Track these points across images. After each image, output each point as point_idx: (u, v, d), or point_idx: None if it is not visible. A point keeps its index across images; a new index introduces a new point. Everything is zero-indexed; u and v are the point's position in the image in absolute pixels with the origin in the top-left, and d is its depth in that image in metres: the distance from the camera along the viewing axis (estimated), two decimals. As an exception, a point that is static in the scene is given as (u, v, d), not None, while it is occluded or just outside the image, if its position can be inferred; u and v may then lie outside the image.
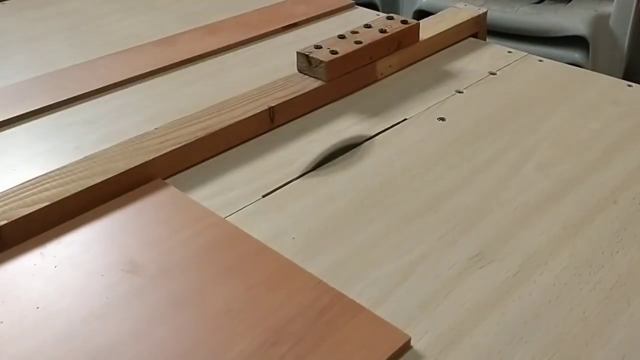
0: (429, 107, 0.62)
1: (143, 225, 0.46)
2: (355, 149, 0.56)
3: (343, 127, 0.59)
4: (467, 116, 0.61)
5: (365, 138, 0.57)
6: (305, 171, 0.53)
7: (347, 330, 0.37)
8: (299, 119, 0.61)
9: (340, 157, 0.55)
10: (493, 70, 0.69)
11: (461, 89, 0.66)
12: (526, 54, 0.73)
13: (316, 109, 0.63)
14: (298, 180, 0.52)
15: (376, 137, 0.58)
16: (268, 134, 0.58)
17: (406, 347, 0.37)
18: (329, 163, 0.54)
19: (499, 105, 0.63)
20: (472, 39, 0.77)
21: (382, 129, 0.59)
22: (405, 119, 0.61)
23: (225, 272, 0.42)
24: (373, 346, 0.37)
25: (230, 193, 0.51)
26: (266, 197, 0.50)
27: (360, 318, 0.38)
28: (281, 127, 0.59)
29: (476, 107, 0.62)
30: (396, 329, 0.38)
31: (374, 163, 0.54)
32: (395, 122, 0.60)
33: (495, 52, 0.74)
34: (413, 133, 0.59)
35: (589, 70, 0.72)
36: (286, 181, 0.52)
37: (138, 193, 0.50)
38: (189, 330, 0.38)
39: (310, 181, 0.52)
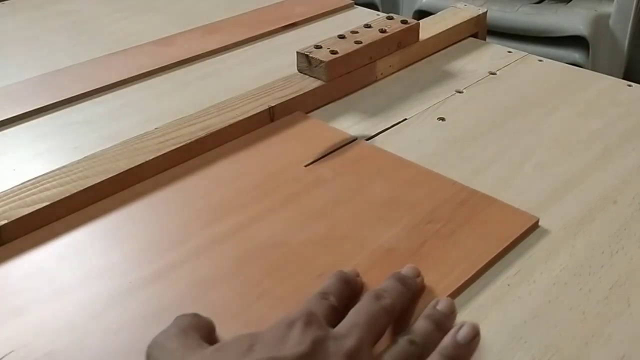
0: (429, 107, 0.62)
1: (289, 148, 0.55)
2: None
3: (343, 127, 0.59)
4: (467, 116, 0.61)
5: (365, 138, 0.57)
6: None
7: (485, 214, 0.46)
8: (299, 119, 0.61)
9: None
10: (493, 70, 0.69)
11: (461, 89, 0.66)
12: (526, 54, 0.73)
13: (316, 109, 0.63)
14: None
15: (376, 137, 0.58)
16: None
17: (535, 226, 0.46)
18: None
19: (499, 105, 0.63)
20: (472, 39, 0.77)
21: (382, 129, 0.59)
22: (405, 119, 0.61)
23: (374, 176, 0.51)
24: (508, 225, 0.45)
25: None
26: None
27: (495, 206, 0.47)
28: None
29: (476, 107, 0.62)
30: (526, 213, 0.46)
31: (374, 163, 0.54)
32: (395, 122, 0.60)
33: (495, 52, 0.74)
34: (413, 133, 0.59)
35: (589, 70, 0.72)
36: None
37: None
38: (357, 215, 0.47)
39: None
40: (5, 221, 0.45)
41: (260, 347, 0.31)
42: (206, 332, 0.34)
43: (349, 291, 0.38)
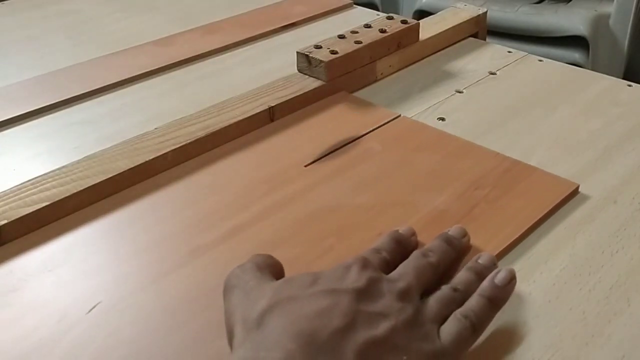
0: (429, 107, 0.62)
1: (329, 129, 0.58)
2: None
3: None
4: (467, 116, 0.61)
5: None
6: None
7: (528, 181, 0.50)
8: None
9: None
10: (493, 70, 0.69)
11: (461, 89, 0.66)
12: (526, 54, 0.73)
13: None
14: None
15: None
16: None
17: (575, 192, 0.49)
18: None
19: (499, 105, 0.63)
20: (472, 39, 0.77)
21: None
22: (400, 115, 0.61)
23: (420, 148, 0.54)
24: (550, 191, 0.49)
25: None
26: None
27: (537, 174, 0.51)
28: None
29: (476, 107, 0.62)
30: (567, 180, 0.50)
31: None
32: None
33: (495, 52, 0.74)
34: (413, 133, 0.58)
35: (589, 70, 0.72)
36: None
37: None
38: (407, 183, 0.50)
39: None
40: (5, 221, 0.45)
41: (322, 281, 0.35)
42: (276, 271, 0.38)
43: (401, 248, 0.41)
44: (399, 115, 0.60)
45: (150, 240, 0.46)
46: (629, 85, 0.66)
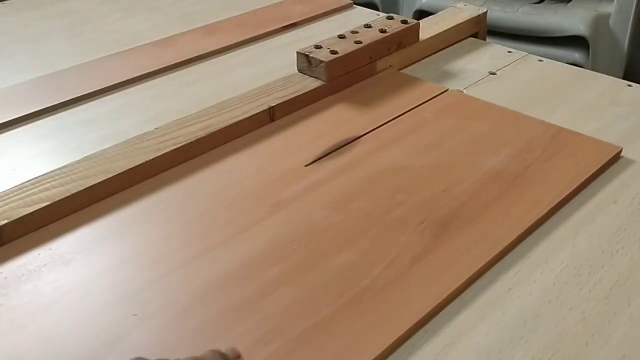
0: (429, 107, 0.62)
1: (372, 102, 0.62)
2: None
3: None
4: (467, 116, 0.61)
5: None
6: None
7: (575, 145, 0.54)
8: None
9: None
10: (493, 70, 0.69)
11: (461, 89, 0.66)
12: (526, 54, 0.73)
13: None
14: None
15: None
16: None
17: (618, 156, 0.53)
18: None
19: (499, 105, 0.63)
20: (472, 39, 0.77)
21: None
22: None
23: (471, 117, 0.58)
24: (596, 152, 0.53)
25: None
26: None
27: (582, 139, 0.55)
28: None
29: (476, 107, 0.62)
30: (610, 144, 0.54)
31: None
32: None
33: (495, 52, 0.74)
34: (413, 133, 0.59)
35: (589, 70, 0.72)
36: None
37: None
38: (463, 147, 0.54)
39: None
40: (6, 221, 0.45)
41: None
42: None
43: None
44: (447, 90, 0.63)
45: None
46: (629, 85, 0.66)
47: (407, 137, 0.56)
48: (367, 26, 0.69)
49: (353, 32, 0.68)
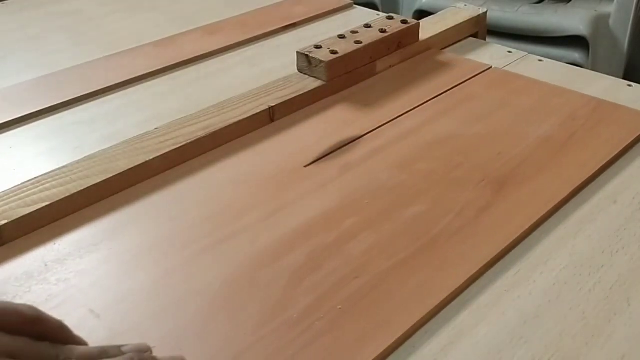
0: (429, 107, 0.62)
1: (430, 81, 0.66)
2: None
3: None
4: (467, 116, 0.61)
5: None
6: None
7: (617, 114, 0.58)
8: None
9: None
10: (493, 70, 0.69)
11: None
12: (526, 54, 0.73)
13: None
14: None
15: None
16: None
17: None
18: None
19: (499, 105, 0.63)
20: (472, 39, 0.77)
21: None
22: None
23: (516, 91, 0.62)
24: (635, 122, 0.57)
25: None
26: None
27: (623, 110, 0.59)
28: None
29: (476, 107, 0.62)
30: None
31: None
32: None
33: (495, 52, 0.74)
34: (413, 133, 0.59)
35: (589, 70, 0.72)
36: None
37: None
38: (511, 117, 0.58)
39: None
40: (6, 221, 0.45)
41: None
42: None
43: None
44: (491, 67, 0.68)
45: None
46: (629, 85, 0.66)
47: (457, 109, 0.60)
48: (367, 26, 0.69)
49: (353, 32, 0.68)
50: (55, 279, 0.42)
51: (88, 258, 0.44)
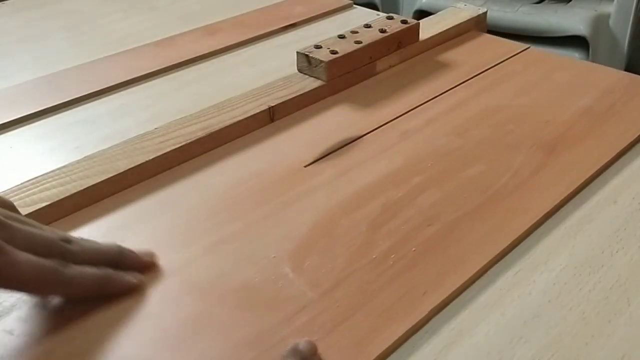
0: (429, 107, 0.63)
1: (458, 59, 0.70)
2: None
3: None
4: (467, 116, 0.61)
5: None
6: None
7: None
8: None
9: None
10: (493, 70, 0.69)
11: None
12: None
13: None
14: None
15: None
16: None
17: None
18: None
19: (499, 105, 0.63)
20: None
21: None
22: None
23: (553, 69, 0.67)
24: None
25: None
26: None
27: None
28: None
29: (476, 107, 0.63)
30: None
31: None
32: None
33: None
34: (413, 133, 0.59)
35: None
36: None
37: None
38: (550, 92, 0.63)
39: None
40: (6, 221, 0.45)
41: None
42: None
43: None
44: (528, 47, 0.72)
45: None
46: (629, 85, 0.66)
47: (499, 86, 0.64)
48: (367, 26, 0.69)
49: (353, 32, 0.68)
50: (55, 279, 0.42)
51: (88, 258, 0.44)
